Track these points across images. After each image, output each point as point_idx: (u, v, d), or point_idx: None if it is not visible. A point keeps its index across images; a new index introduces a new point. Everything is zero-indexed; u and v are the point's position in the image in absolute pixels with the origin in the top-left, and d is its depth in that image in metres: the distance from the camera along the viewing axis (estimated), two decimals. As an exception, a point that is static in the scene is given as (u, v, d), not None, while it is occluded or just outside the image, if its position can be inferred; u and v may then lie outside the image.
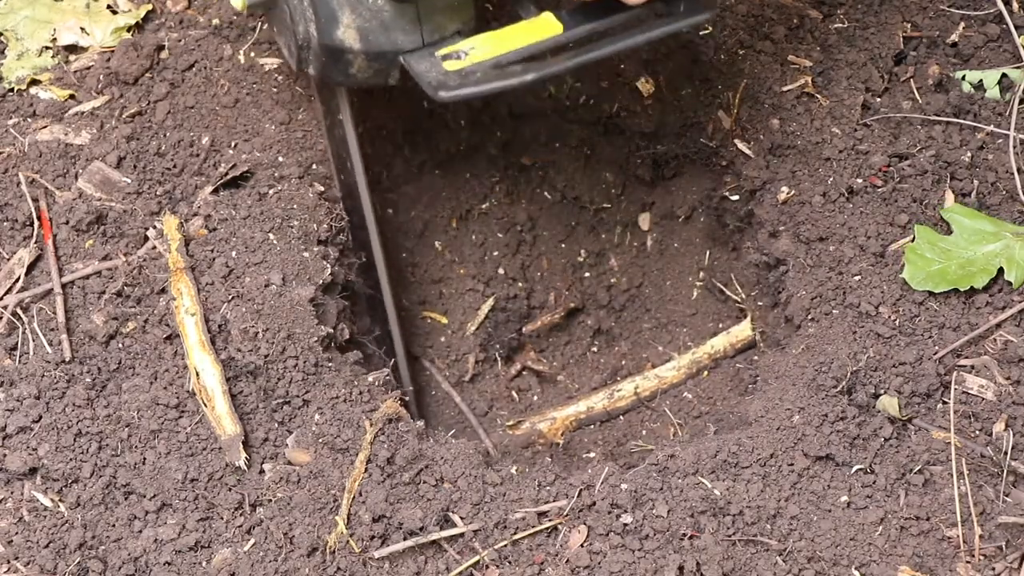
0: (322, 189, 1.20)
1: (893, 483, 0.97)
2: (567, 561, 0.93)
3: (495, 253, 1.45)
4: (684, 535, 0.94)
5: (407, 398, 1.21)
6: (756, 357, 1.23)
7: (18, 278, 1.07)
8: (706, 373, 1.28)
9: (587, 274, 1.46)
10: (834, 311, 1.09)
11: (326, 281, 1.10)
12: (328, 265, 1.11)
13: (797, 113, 1.21)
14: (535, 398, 1.38)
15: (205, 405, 0.99)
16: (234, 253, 1.08)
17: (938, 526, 0.95)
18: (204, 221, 1.11)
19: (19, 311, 1.05)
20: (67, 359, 1.02)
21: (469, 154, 1.39)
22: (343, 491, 0.97)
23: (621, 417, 1.30)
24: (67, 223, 1.10)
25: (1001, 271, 1.05)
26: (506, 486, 0.98)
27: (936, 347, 1.03)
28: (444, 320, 1.41)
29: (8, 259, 1.09)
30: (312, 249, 1.11)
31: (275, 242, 1.09)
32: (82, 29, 1.23)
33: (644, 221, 1.44)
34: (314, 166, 1.22)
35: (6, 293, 1.07)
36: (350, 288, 1.20)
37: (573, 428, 1.27)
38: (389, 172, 1.32)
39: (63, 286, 1.06)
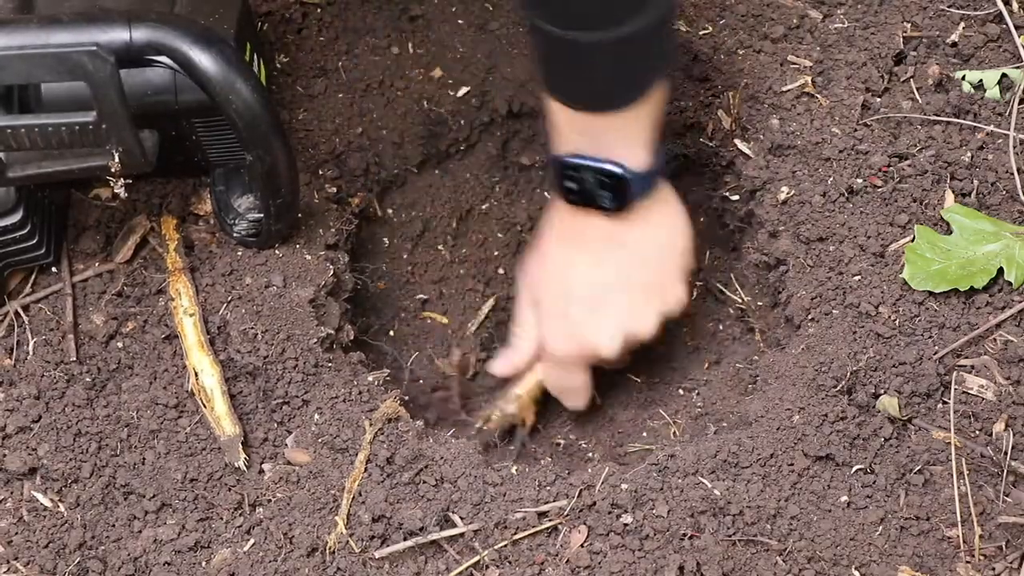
0: (333, 190, 1.20)
1: (893, 483, 0.97)
2: (567, 561, 0.93)
3: (495, 253, 1.44)
4: (684, 535, 0.94)
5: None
6: (756, 357, 1.23)
7: (22, 278, 1.08)
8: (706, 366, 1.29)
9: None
10: (834, 311, 1.09)
11: (328, 283, 1.10)
12: (331, 267, 1.11)
13: (797, 113, 1.21)
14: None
15: (204, 406, 0.99)
16: (235, 255, 1.09)
17: (938, 526, 0.95)
18: (205, 224, 1.11)
19: (20, 311, 1.05)
20: (72, 359, 1.02)
21: (469, 154, 1.39)
22: (343, 491, 0.97)
23: (622, 417, 1.30)
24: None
25: (1001, 271, 1.05)
26: (506, 486, 0.98)
27: (936, 347, 1.03)
28: (444, 320, 1.41)
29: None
30: (317, 253, 1.11)
31: (277, 246, 1.09)
32: None
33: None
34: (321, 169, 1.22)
35: (11, 293, 1.07)
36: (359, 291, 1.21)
37: (543, 395, 1.26)
38: (389, 172, 1.32)
39: (73, 287, 1.07)
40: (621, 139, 1.03)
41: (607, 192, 1.06)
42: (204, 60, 0.88)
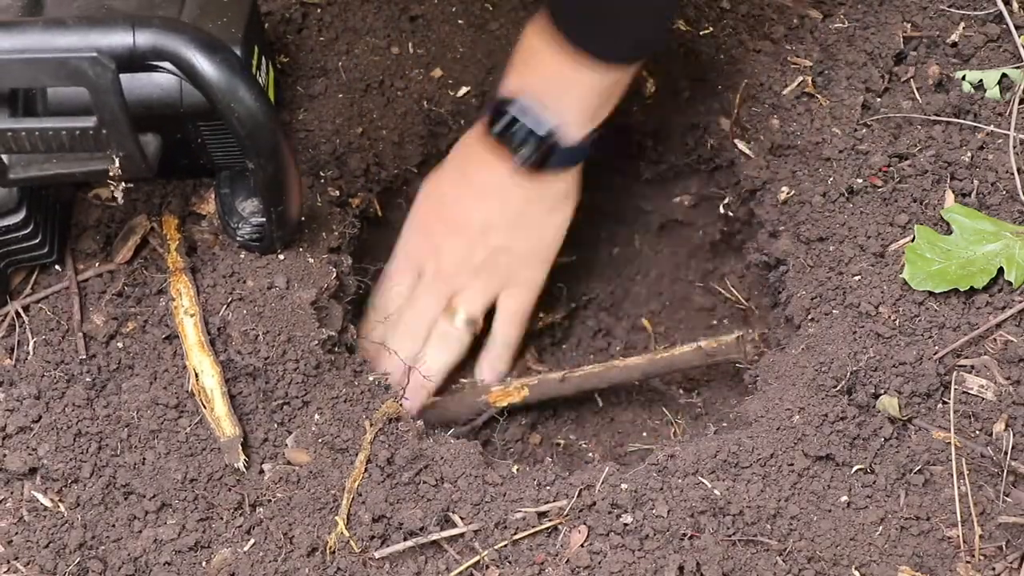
0: (336, 193, 1.20)
1: (893, 483, 0.97)
2: (567, 561, 0.93)
3: (495, 253, 1.44)
4: (684, 535, 0.94)
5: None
6: (756, 357, 1.23)
7: (23, 278, 1.08)
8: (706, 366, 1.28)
9: (587, 274, 1.46)
10: (834, 311, 1.09)
11: (331, 285, 1.10)
12: (334, 269, 1.11)
13: (797, 113, 1.21)
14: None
15: (204, 407, 0.99)
16: (237, 256, 1.08)
17: (938, 526, 0.95)
18: (209, 225, 1.11)
19: (20, 310, 1.05)
20: (82, 356, 1.02)
21: (469, 154, 1.39)
22: (343, 491, 0.97)
23: (622, 417, 1.30)
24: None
25: (1001, 271, 1.05)
26: (506, 486, 0.99)
27: (936, 347, 1.03)
28: (444, 320, 1.41)
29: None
30: (320, 256, 1.11)
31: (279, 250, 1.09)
32: None
33: (644, 221, 1.44)
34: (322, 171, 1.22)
35: (13, 292, 1.07)
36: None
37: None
38: (389, 172, 1.32)
39: (78, 285, 1.07)
40: (579, 98, 1.01)
41: (529, 146, 1.05)
42: (207, 67, 0.88)
